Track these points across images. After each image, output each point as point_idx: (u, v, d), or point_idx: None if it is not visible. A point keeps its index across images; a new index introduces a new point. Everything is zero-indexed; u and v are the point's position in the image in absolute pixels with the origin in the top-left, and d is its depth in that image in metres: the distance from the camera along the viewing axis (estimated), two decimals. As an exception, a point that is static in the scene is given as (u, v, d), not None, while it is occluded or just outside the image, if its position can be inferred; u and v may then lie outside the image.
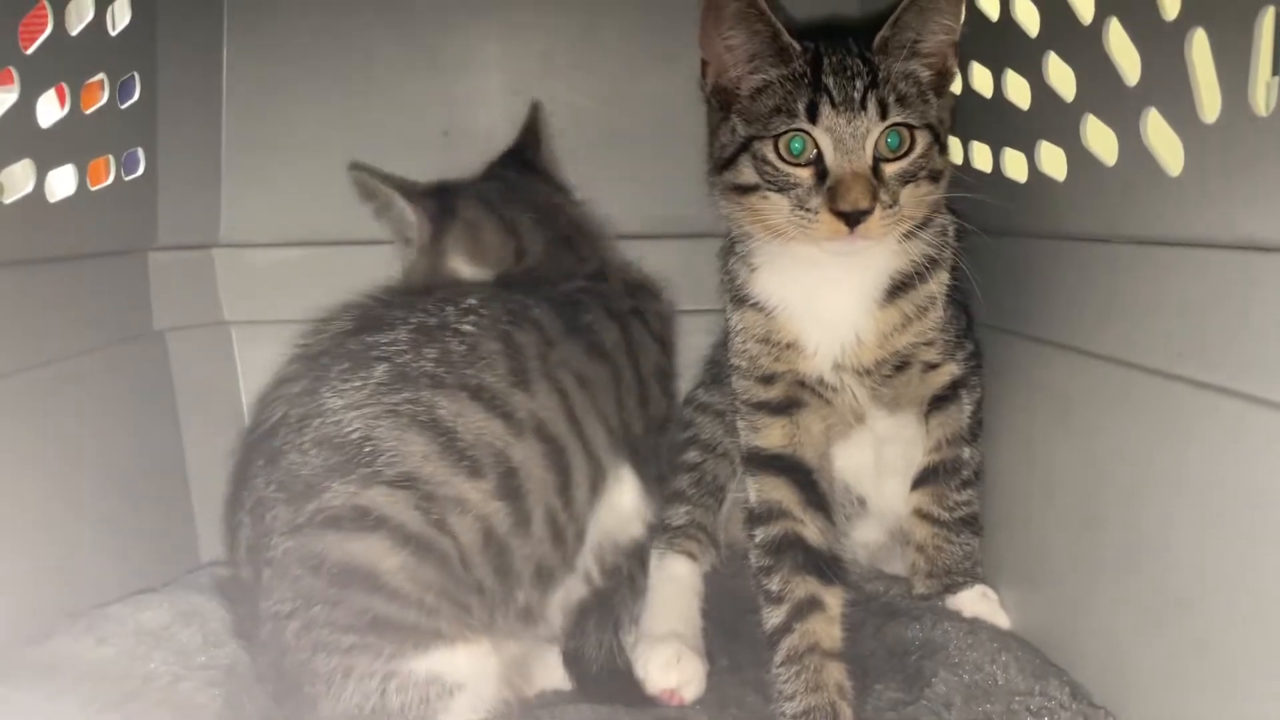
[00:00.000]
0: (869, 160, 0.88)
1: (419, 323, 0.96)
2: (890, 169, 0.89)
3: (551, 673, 1.03)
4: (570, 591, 1.02)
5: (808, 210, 0.88)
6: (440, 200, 1.17)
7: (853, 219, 0.86)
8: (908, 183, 0.89)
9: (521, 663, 0.99)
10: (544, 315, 1.02)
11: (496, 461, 0.92)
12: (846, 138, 0.87)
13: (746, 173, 0.92)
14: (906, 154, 0.89)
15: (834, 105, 0.87)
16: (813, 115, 0.88)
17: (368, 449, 0.88)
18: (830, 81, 0.88)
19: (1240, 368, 0.70)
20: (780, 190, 0.90)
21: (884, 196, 0.87)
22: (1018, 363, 1.02)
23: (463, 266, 1.15)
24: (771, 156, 0.90)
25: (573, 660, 1.02)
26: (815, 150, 0.88)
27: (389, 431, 0.89)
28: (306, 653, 0.86)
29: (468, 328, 0.97)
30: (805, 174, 0.89)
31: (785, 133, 0.89)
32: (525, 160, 1.27)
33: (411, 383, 0.91)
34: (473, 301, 1.00)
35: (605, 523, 1.04)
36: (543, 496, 0.95)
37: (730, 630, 1.06)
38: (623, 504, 1.05)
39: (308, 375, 0.94)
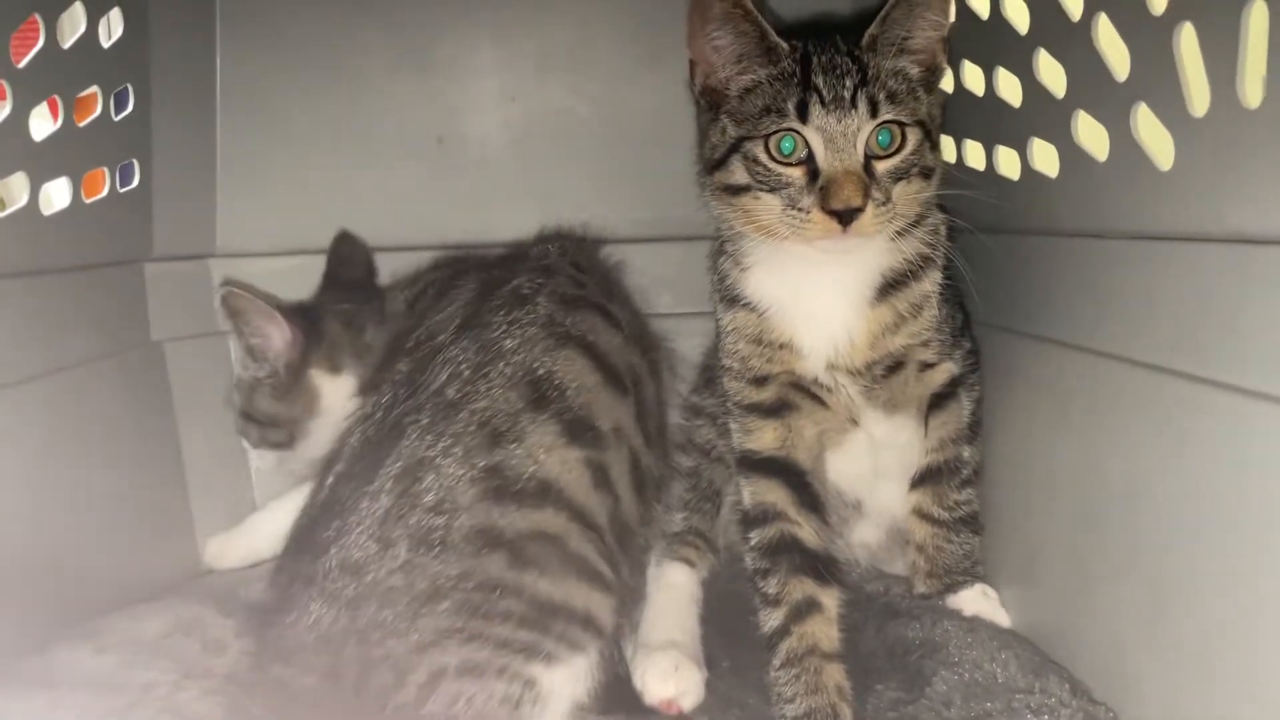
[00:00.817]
0: (860, 158, 0.87)
1: (529, 268, 1.01)
2: (882, 166, 0.88)
3: None
4: None
5: (800, 210, 0.88)
6: (308, 320, 1.21)
7: (845, 217, 0.86)
8: (900, 180, 0.89)
9: None
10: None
11: (632, 380, 0.98)
12: (837, 136, 0.87)
13: (738, 173, 0.91)
14: (898, 151, 0.89)
15: (824, 104, 0.87)
16: (803, 114, 0.88)
17: (556, 384, 0.91)
18: (820, 80, 0.88)
19: (1234, 361, 0.70)
20: (772, 190, 0.89)
21: (876, 194, 0.87)
22: (1015, 360, 1.02)
23: (323, 381, 1.20)
24: (762, 156, 0.89)
25: None
26: (806, 149, 0.88)
27: (567, 364, 0.92)
28: (427, 636, 0.82)
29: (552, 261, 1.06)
30: (797, 173, 0.88)
31: (775, 132, 0.88)
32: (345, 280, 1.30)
33: (567, 307, 0.96)
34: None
35: None
36: (653, 410, 1.03)
37: (731, 632, 1.05)
38: None
39: (466, 332, 0.94)
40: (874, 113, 0.87)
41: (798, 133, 0.88)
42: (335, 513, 0.87)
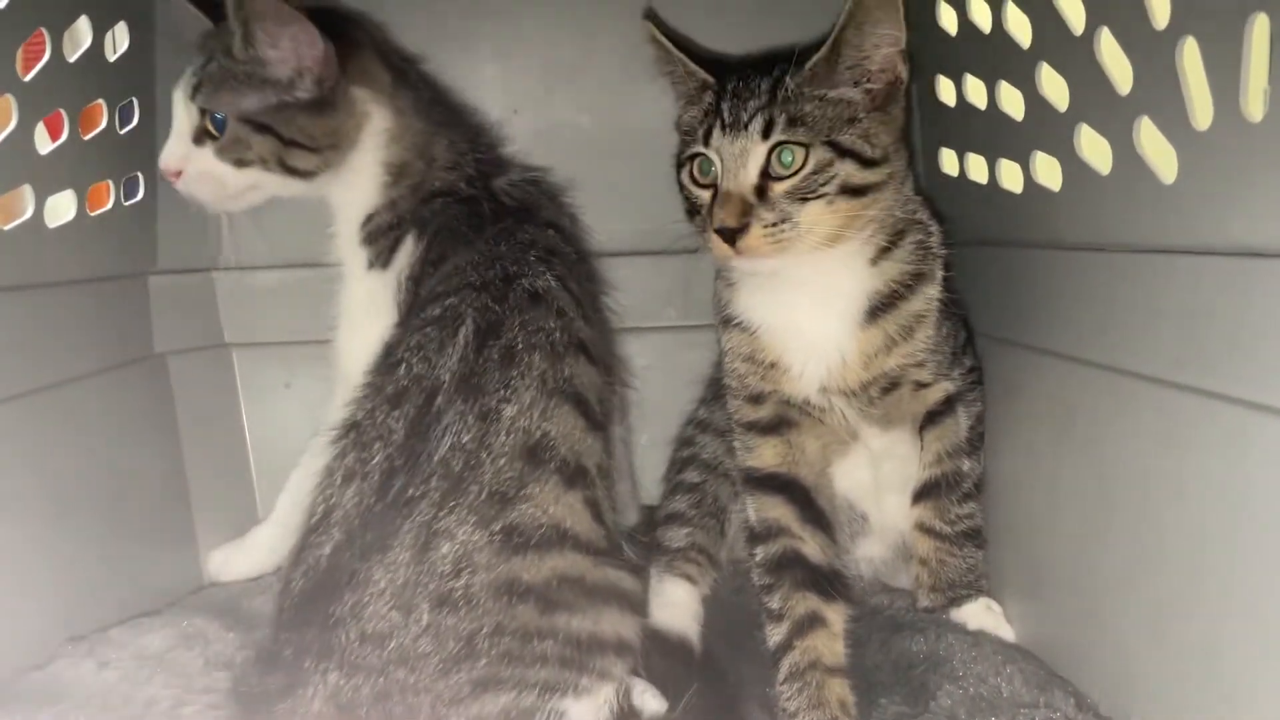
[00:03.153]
0: (752, 178, 0.90)
1: (517, 300, 0.98)
2: (778, 187, 0.90)
3: None
4: None
5: (705, 230, 0.92)
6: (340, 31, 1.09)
7: (728, 236, 0.89)
8: (809, 200, 0.89)
9: None
10: (557, 243, 1.11)
11: (604, 411, 1.00)
12: (729, 157, 0.91)
13: (681, 196, 0.98)
14: (797, 172, 0.90)
15: (724, 127, 0.91)
16: (707, 139, 0.92)
17: (549, 444, 0.92)
18: (725, 106, 0.92)
19: (1239, 374, 0.70)
20: (696, 211, 0.95)
21: (764, 214, 0.89)
22: (1018, 373, 1.02)
23: (368, 101, 1.10)
24: (685, 180, 0.96)
25: None
26: (717, 172, 0.92)
27: (558, 421, 0.93)
28: (461, 691, 0.83)
29: (549, 283, 1.01)
30: (707, 194, 0.93)
31: (691, 156, 0.94)
32: None
33: (557, 359, 0.96)
34: (535, 255, 1.04)
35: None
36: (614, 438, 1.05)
37: (737, 647, 1.05)
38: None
39: (462, 396, 0.92)
40: (766, 134, 0.89)
41: (705, 155, 0.92)
42: (344, 584, 0.86)
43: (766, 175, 0.90)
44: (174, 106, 1.07)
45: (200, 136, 1.06)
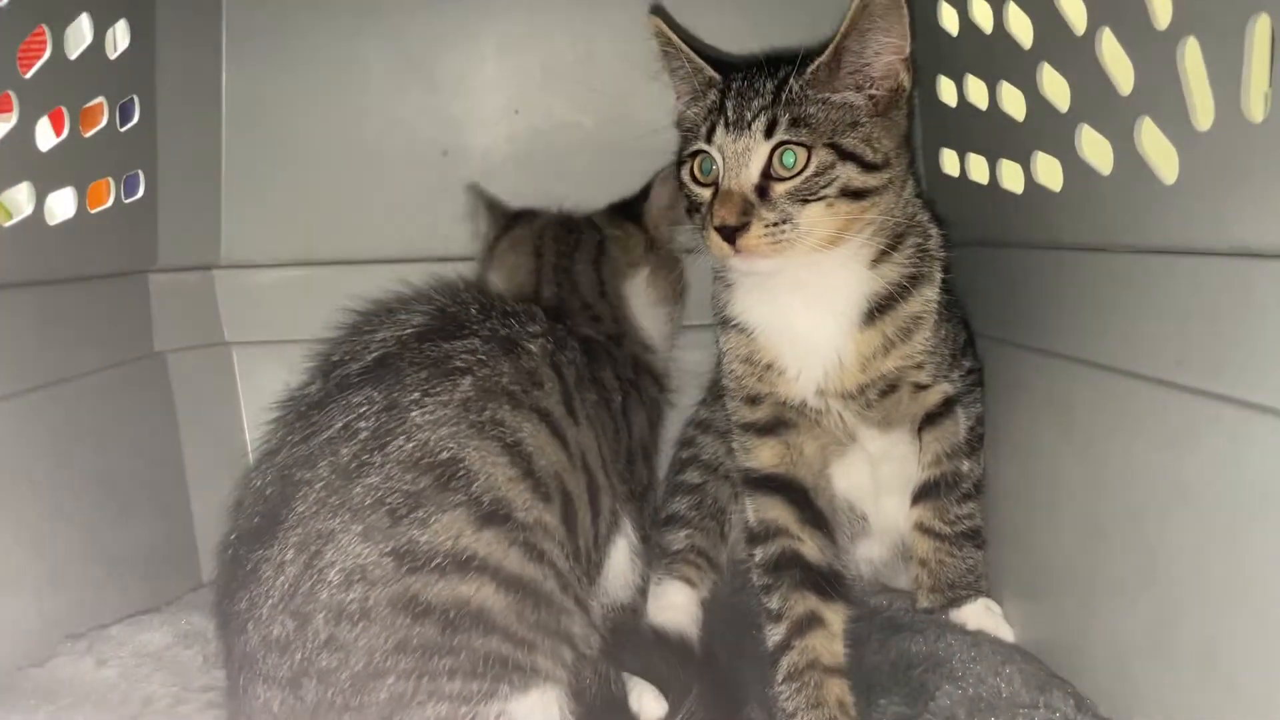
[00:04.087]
0: (754, 178, 0.90)
1: (492, 332, 0.93)
2: (780, 187, 0.90)
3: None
4: None
5: (704, 228, 0.91)
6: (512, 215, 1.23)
7: (727, 234, 0.89)
8: (809, 201, 0.89)
9: None
10: (576, 355, 1.01)
11: (559, 489, 0.90)
12: (731, 156, 0.91)
13: (681, 195, 0.98)
14: (800, 173, 0.90)
15: (727, 125, 0.91)
16: (710, 136, 0.92)
17: (460, 473, 0.82)
18: (729, 104, 0.92)
19: (1239, 375, 0.69)
20: (695, 209, 0.95)
21: (765, 214, 0.89)
22: (1018, 374, 1.01)
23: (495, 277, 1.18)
24: (686, 178, 0.96)
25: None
26: (719, 170, 0.92)
27: (478, 455, 0.84)
28: (384, 708, 0.78)
29: (533, 348, 0.95)
30: (707, 193, 0.93)
31: (694, 154, 0.94)
32: (626, 213, 1.28)
33: (495, 400, 0.87)
34: (537, 327, 0.98)
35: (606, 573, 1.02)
36: (585, 529, 0.94)
37: (736, 648, 1.05)
38: (619, 563, 1.03)
39: (377, 381, 0.87)
40: (769, 133, 0.89)
41: (708, 153, 0.92)
42: (241, 582, 0.82)
43: (768, 175, 0.89)
44: None
45: None
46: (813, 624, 0.96)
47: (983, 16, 1.01)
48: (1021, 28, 0.95)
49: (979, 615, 1.02)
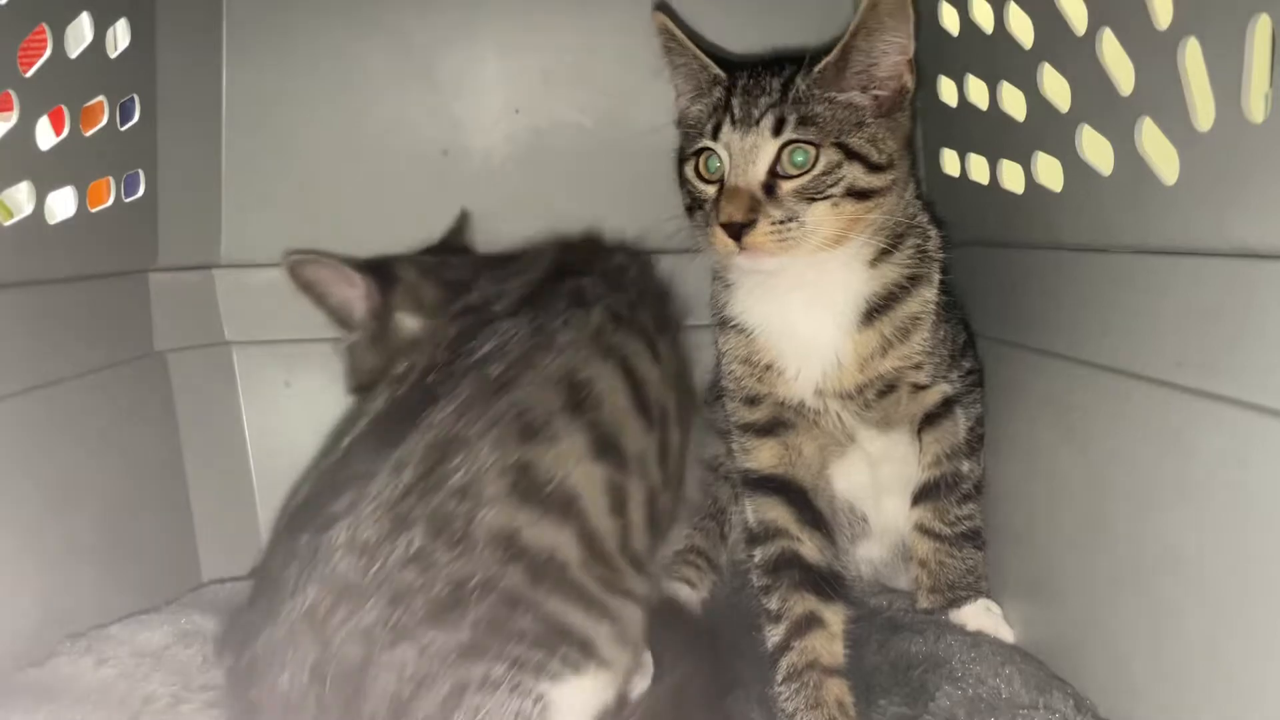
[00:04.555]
0: (761, 175, 0.90)
1: (602, 271, 1.02)
2: (787, 185, 0.90)
3: None
4: None
5: (709, 225, 0.91)
6: (379, 268, 1.17)
7: (733, 231, 0.88)
8: (816, 200, 0.89)
9: None
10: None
11: (660, 416, 0.95)
12: (738, 153, 0.91)
13: (683, 191, 0.97)
14: (807, 171, 0.90)
15: (734, 122, 0.91)
16: (716, 133, 0.92)
17: (592, 395, 0.88)
18: (736, 102, 0.92)
19: (1240, 376, 0.69)
20: (698, 206, 0.94)
21: (772, 211, 0.89)
22: (1018, 374, 1.01)
23: (408, 319, 1.14)
24: (690, 174, 0.95)
25: None
26: (724, 168, 0.92)
27: (606, 380, 0.90)
28: (442, 650, 0.77)
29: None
30: (712, 190, 0.93)
31: (699, 150, 0.94)
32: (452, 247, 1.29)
33: (618, 326, 0.95)
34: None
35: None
36: (674, 447, 0.99)
37: (737, 649, 1.05)
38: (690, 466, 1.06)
39: (523, 313, 0.92)
40: (777, 131, 0.90)
41: (714, 150, 0.92)
42: (349, 483, 0.81)
43: (774, 173, 0.90)
44: None
45: None
46: (812, 625, 0.96)
47: (983, 16, 1.01)
48: (1022, 28, 0.95)
49: (979, 616, 1.02)
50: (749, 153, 0.90)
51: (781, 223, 0.89)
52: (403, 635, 0.77)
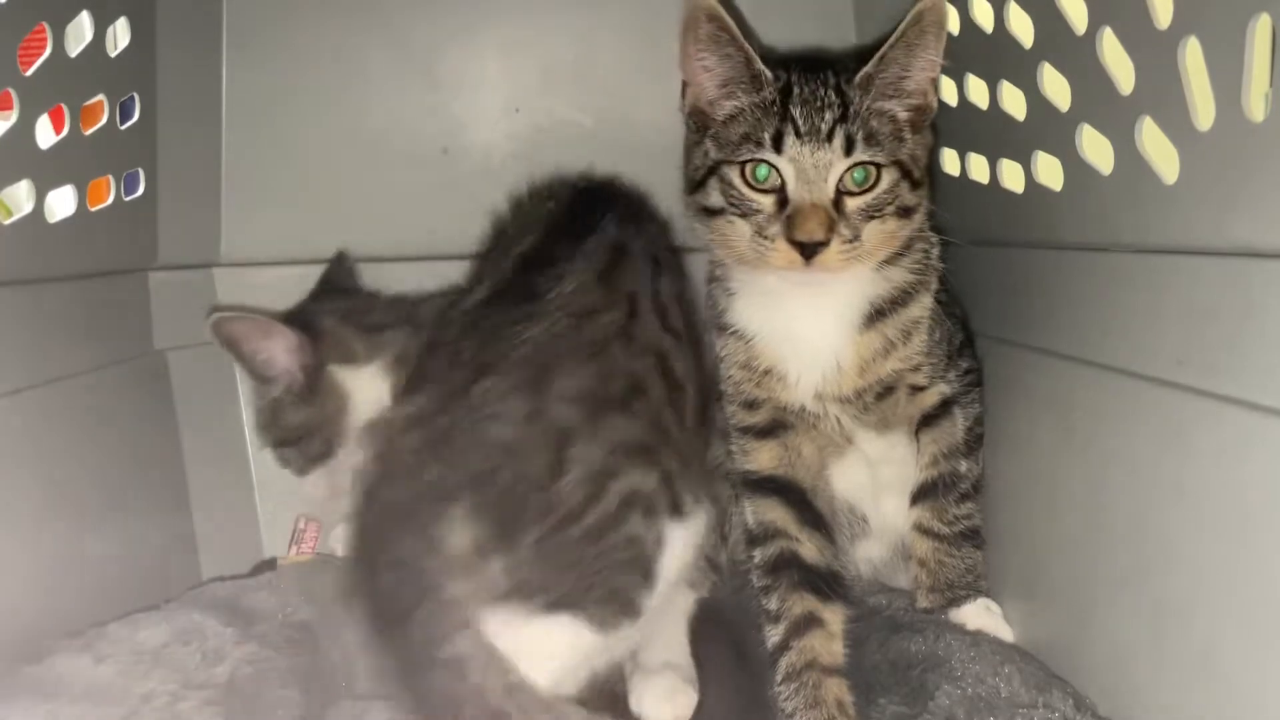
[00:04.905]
0: (830, 193, 0.89)
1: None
2: (853, 204, 0.89)
3: None
4: None
5: (766, 238, 0.89)
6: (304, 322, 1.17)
7: (808, 250, 0.87)
8: (873, 218, 0.90)
9: None
10: None
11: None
12: (809, 169, 0.88)
13: (714, 196, 0.93)
14: (870, 190, 0.89)
15: (799, 136, 0.89)
16: (778, 145, 0.89)
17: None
18: (797, 112, 0.89)
19: (1241, 375, 0.69)
20: (743, 215, 0.91)
21: (843, 230, 0.88)
22: (1018, 374, 1.01)
23: (340, 371, 1.15)
24: (737, 181, 0.91)
25: None
26: (779, 179, 0.89)
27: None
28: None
29: None
30: (767, 201, 0.90)
31: (750, 160, 0.90)
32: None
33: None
34: None
35: None
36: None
37: (736, 649, 1.05)
38: None
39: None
40: (849, 151, 0.88)
41: (770, 163, 0.89)
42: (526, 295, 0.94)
43: (838, 190, 0.89)
44: None
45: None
46: (811, 624, 0.96)
47: (983, 16, 1.01)
48: (1022, 27, 0.95)
49: (978, 615, 1.02)
50: (821, 170, 0.88)
51: (849, 241, 0.88)
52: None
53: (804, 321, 0.97)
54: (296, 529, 1.27)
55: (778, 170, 0.89)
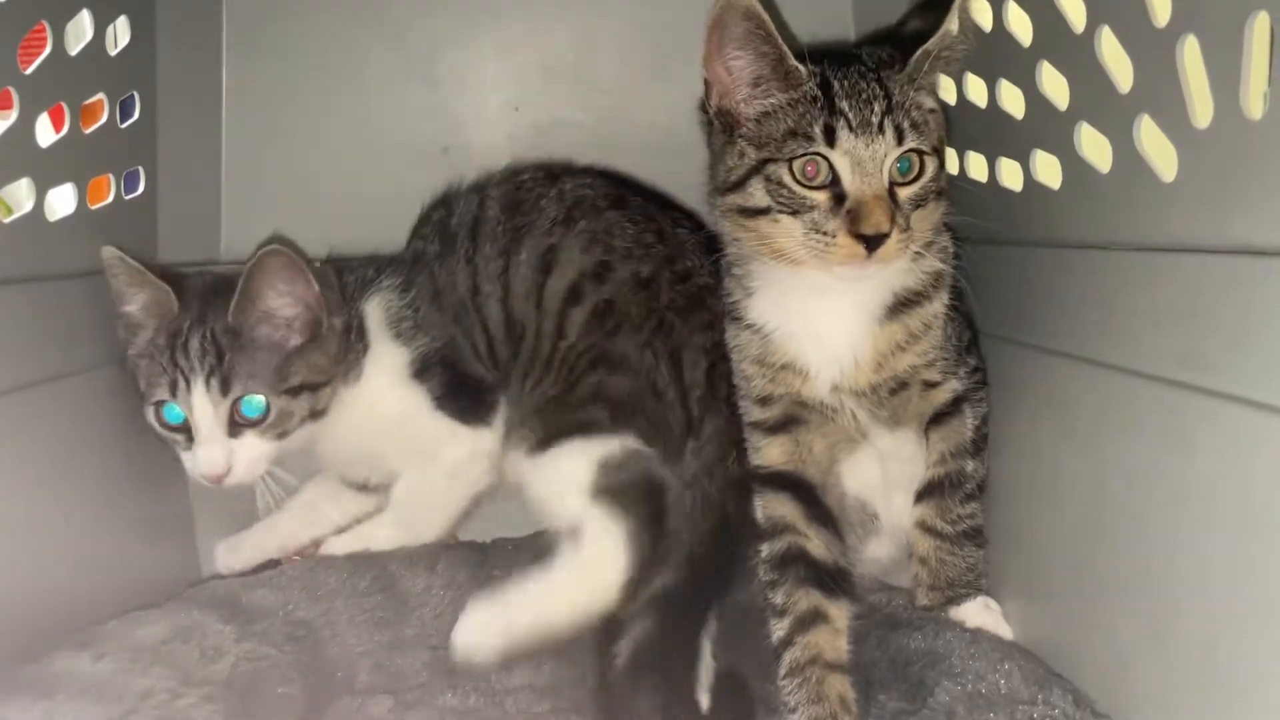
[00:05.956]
0: (885, 184, 0.88)
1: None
2: (904, 193, 0.89)
3: None
4: None
5: (824, 234, 0.88)
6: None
7: (872, 242, 0.87)
8: (919, 206, 0.90)
9: None
10: None
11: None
12: (865, 161, 0.87)
13: (758, 195, 0.91)
14: (917, 178, 0.90)
15: (852, 129, 0.87)
16: (830, 139, 0.88)
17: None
18: (845, 105, 0.88)
19: (1240, 373, 0.69)
20: (794, 213, 0.89)
21: (899, 220, 0.88)
22: (1019, 372, 1.01)
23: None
24: (787, 179, 0.89)
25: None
26: (831, 174, 0.88)
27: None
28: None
29: None
30: (821, 197, 0.88)
31: (801, 156, 0.88)
32: None
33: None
34: None
35: None
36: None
37: (740, 645, 1.05)
38: None
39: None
40: (900, 140, 0.88)
41: (824, 157, 0.88)
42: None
43: (890, 182, 0.89)
44: (194, 411, 1.07)
45: (236, 428, 1.07)
46: (816, 620, 0.95)
47: (982, 14, 1.01)
48: (1021, 26, 0.95)
49: (978, 613, 1.02)
50: (877, 161, 0.87)
51: (904, 231, 0.88)
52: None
53: (827, 316, 0.97)
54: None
55: (830, 164, 0.88)
